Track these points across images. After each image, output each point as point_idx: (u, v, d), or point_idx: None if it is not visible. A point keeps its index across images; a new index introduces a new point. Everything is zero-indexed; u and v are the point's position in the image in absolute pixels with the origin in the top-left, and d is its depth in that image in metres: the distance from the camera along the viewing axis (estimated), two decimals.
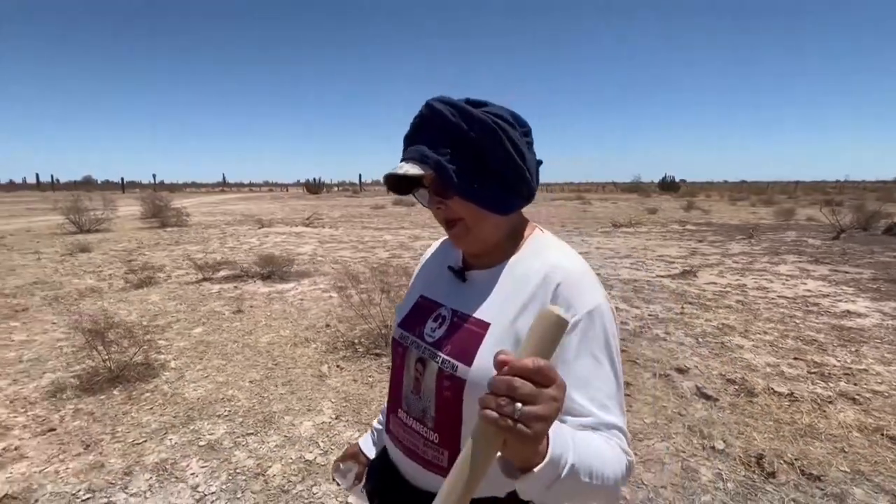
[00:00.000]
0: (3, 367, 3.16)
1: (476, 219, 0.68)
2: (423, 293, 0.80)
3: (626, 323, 4.04)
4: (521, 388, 0.41)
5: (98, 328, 2.92)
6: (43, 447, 2.21)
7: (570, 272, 0.66)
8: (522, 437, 0.42)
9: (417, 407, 0.70)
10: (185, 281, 5.86)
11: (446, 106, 0.66)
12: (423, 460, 0.69)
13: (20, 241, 9.74)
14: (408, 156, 0.67)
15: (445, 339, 0.69)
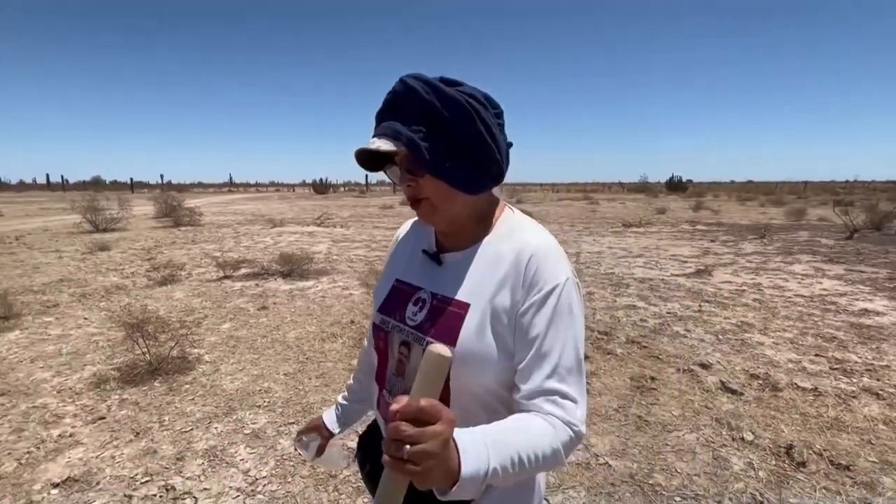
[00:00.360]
0: (45, 360, 3.27)
1: (444, 198, 0.68)
2: (398, 277, 0.81)
3: (645, 320, 4.09)
4: (405, 431, 0.45)
5: (138, 322, 3.03)
6: (95, 434, 2.31)
7: (539, 249, 0.68)
8: (414, 474, 0.46)
9: (399, 387, 0.73)
10: (207, 279, 5.98)
11: (420, 83, 0.65)
12: None
13: (40, 240, 9.92)
14: (380, 132, 0.66)
15: (428, 321, 0.70)
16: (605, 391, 2.74)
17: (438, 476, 0.47)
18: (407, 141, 0.64)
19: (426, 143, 0.64)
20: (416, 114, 0.65)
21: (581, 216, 16.11)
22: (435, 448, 0.45)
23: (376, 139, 0.65)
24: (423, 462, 0.45)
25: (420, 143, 0.64)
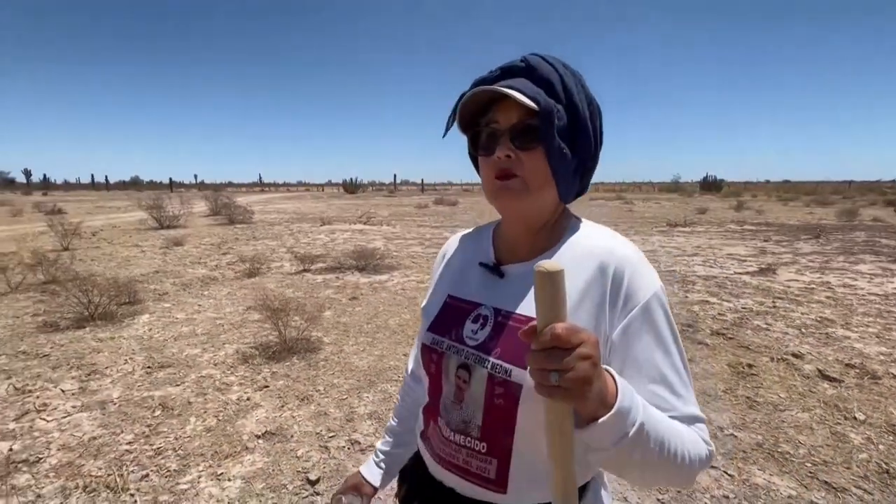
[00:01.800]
0: (186, 339, 3.71)
1: (540, 182, 0.61)
2: (451, 293, 0.72)
3: (723, 315, 4.26)
4: (547, 359, 0.42)
5: (276, 307, 3.41)
6: (268, 399, 2.69)
7: (626, 257, 0.61)
8: (570, 397, 0.43)
9: (458, 418, 0.64)
10: (287, 272, 6.42)
11: (560, 64, 0.62)
12: (466, 471, 0.64)
13: (114, 236, 10.68)
14: (513, 84, 0.59)
15: (492, 341, 0.62)
16: (708, 376, 2.95)
17: (594, 400, 0.45)
18: (545, 103, 0.58)
19: (559, 121, 0.59)
20: (552, 88, 0.60)
21: (620, 216, 16.09)
22: (584, 371, 0.43)
23: (501, 88, 0.58)
24: (578, 387, 0.43)
25: (555, 115, 0.58)
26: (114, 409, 2.58)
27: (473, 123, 0.65)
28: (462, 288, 0.71)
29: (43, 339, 3.70)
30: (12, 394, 2.78)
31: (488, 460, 0.61)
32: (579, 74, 0.63)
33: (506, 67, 0.62)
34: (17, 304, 4.78)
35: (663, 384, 0.57)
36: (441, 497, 0.67)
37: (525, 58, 0.62)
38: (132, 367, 3.17)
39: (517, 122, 0.60)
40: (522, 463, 0.60)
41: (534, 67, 0.60)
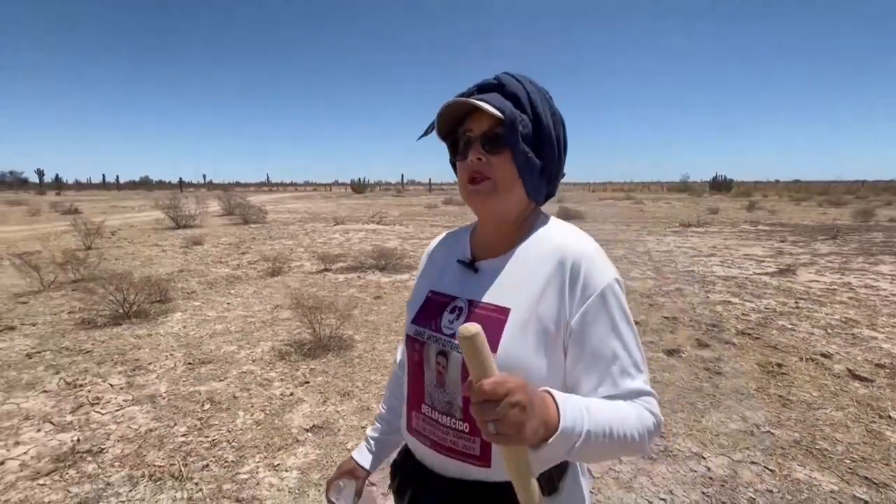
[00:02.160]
0: (222, 337, 3.81)
1: (509, 184, 0.68)
2: (432, 288, 0.78)
3: (747, 315, 4.29)
4: (482, 412, 0.47)
5: (310, 305, 3.50)
6: (310, 395, 2.77)
7: (583, 251, 0.67)
8: (509, 441, 0.48)
9: (442, 400, 0.69)
10: (308, 271, 6.52)
11: (527, 80, 0.70)
12: (452, 450, 0.69)
13: (133, 235, 10.86)
14: (486, 98, 0.67)
15: None
16: (738, 374, 3.00)
17: (534, 432, 0.49)
18: (510, 113, 0.65)
19: (523, 128, 0.67)
20: (518, 101, 0.68)
21: (631, 216, 16.06)
22: (518, 416, 0.47)
23: (471, 99, 0.66)
24: (512, 431, 0.47)
25: (518, 124, 0.66)
26: (164, 403, 2.68)
27: (452, 132, 0.72)
28: (442, 283, 0.77)
29: (83, 336, 3.81)
30: (63, 388, 2.89)
31: (472, 439, 0.66)
32: (545, 90, 0.71)
33: (481, 84, 0.71)
34: (52, 301, 4.92)
35: (615, 364, 0.63)
36: (432, 481, 0.72)
37: (497, 76, 0.71)
38: (173, 362, 3.27)
39: (487, 129, 0.67)
40: None
41: (504, 84, 0.69)
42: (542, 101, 0.69)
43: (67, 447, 2.23)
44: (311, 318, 3.46)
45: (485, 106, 0.64)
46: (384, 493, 1.82)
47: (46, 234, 10.77)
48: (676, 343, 3.55)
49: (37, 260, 7.20)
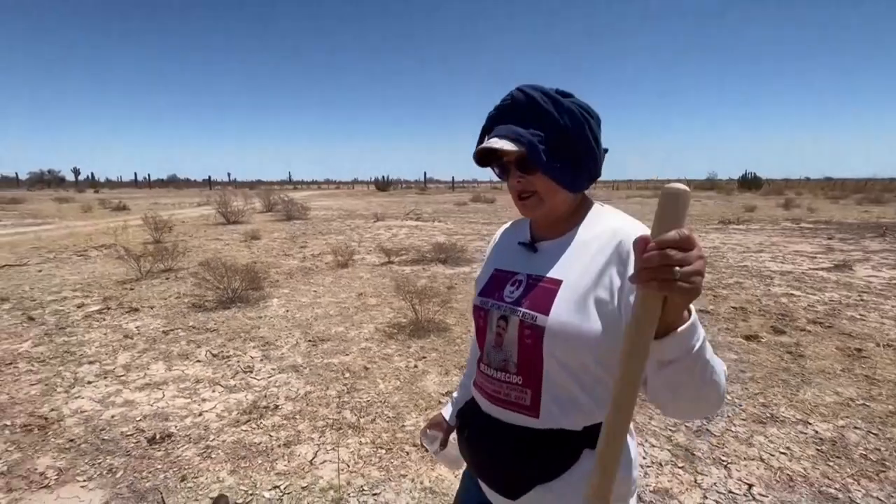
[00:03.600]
0: (325, 320, 4.20)
1: (551, 193, 0.77)
2: (497, 266, 0.88)
3: (813, 306, 4.47)
4: (674, 256, 0.47)
5: (417, 291, 3.86)
6: (431, 367, 3.12)
7: (630, 232, 0.73)
8: (685, 291, 0.48)
9: (499, 358, 0.79)
10: (373, 263, 6.91)
11: (538, 93, 0.75)
12: (506, 402, 0.78)
13: (189, 230, 11.47)
14: (501, 133, 0.75)
15: (524, 296, 0.77)
16: (820, 357, 3.22)
17: (692, 298, 0.50)
18: (528, 144, 0.73)
19: (543, 146, 0.74)
20: (533, 119, 0.75)
21: None
22: (701, 267, 0.49)
23: (497, 139, 0.74)
24: (693, 279, 0.48)
25: (538, 146, 0.73)
26: (307, 372, 3.06)
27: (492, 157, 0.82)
28: (505, 262, 0.87)
29: (202, 317, 4.26)
30: (212, 359, 3.30)
31: (524, 391, 0.75)
32: (555, 96, 0.75)
33: (499, 107, 0.79)
34: (155, 287, 5.42)
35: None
36: (488, 425, 0.82)
37: (512, 94, 0.77)
38: (295, 340, 3.67)
39: (516, 156, 0.76)
40: (551, 392, 0.74)
41: (518, 107, 0.76)
42: (556, 110, 0.74)
43: (248, 403, 2.63)
44: (415, 302, 3.81)
45: (502, 147, 0.73)
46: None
47: (113, 228, 11.47)
48: (752, 330, 3.78)
49: (118, 251, 7.80)
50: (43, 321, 4.14)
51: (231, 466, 2.06)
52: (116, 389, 2.81)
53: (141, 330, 3.91)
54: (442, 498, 1.86)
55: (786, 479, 1.95)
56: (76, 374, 3.02)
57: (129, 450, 2.18)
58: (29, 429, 2.35)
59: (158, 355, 3.35)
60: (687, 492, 1.87)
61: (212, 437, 2.29)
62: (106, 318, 4.25)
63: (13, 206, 20.47)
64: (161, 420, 2.45)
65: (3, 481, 1.95)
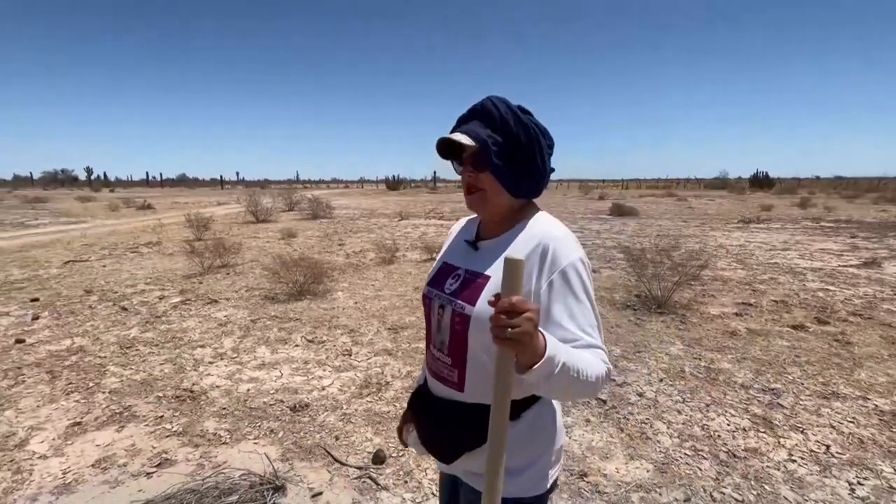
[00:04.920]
0: (396, 310, 4.52)
1: (495, 193, 0.87)
2: (445, 260, 1.00)
3: (849, 300, 4.74)
4: (504, 321, 0.61)
5: None
6: None
7: (555, 236, 0.84)
8: (516, 345, 0.62)
9: (438, 339, 0.91)
10: (416, 260, 7.24)
11: (503, 104, 0.87)
12: (441, 378, 0.91)
13: (224, 229, 11.85)
14: (463, 129, 0.86)
15: (459, 289, 0.89)
16: (867, 345, 3.50)
17: (531, 350, 0.64)
18: (482, 141, 0.83)
19: (496, 148, 0.84)
20: (492, 125, 0.85)
21: (681, 212, 16.28)
22: (529, 328, 0.61)
23: (458, 133, 0.85)
24: (522, 338, 0.61)
25: (491, 147, 0.84)
26: (400, 355, 3.39)
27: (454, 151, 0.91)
28: (452, 257, 0.99)
29: (280, 308, 4.60)
30: (308, 344, 3.64)
31: (453, 370, 0.88)
32: (515, 110, 0.87)
33: (471, 109, 0.90)
34: (221, 281, 5.78)
35: (573, 323, 0.79)
36: (429, 401, 0.96)
37: (483, 102, 0.88)
38: (376, 328, 4.00)
39: (471, 153, 0.87)
40: (474, 371, 0.86)
41: (485, 111, 0.87)
42: (514, 121, 0.85)
43: (361, 380, 2.96)
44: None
45: (458, 139, 0.84)
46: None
47: (152, 226, 11.89)
48: (797, 321, 4.07)
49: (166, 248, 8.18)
50: (136, 311, 4.50)
51: (372, 429, 2.39)
52: (237, 369, 3.15)
53: (230, 319, 4.26)
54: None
55: (857, 441, 2.25)
56: (194, 356, 3.37)
57: (278, 416, 2.52)
58: (181, 399, 2.70)
59: (258, 340, 3.69)
60: (774, 450, 2.18)
61: (345, 407, 2.62)
62: (191, 308, 4.61)
63: (41, 205, 21.05)
64: (291, 393, 2.79)
65: (186, 438, 2.30)
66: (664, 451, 2.18)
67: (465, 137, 0.84)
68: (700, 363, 3.20)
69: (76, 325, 4.09)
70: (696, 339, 3.68)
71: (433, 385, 0.95)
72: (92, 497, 1.87)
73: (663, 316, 4.23)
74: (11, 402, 2.67)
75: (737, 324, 4.03)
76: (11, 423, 2.44)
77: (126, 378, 3.00)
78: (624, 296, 4.89)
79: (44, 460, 2.12)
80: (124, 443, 2.26)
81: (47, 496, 1.88)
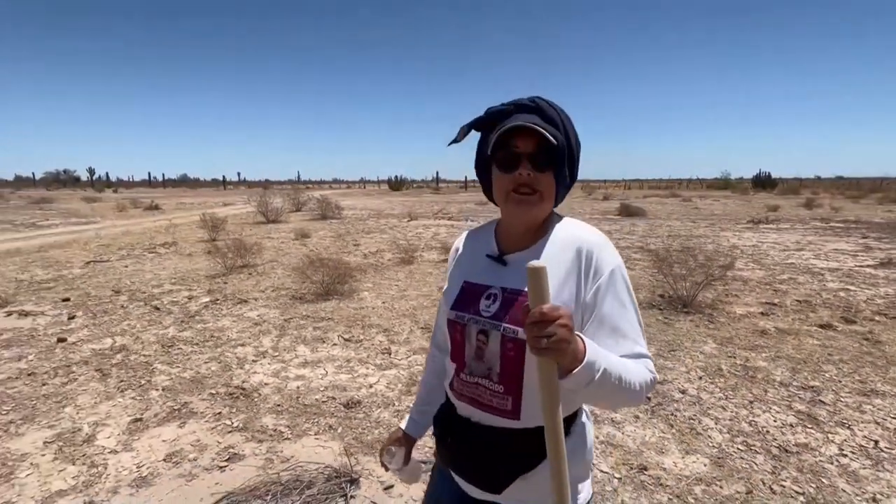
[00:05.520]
0: (425, 308, 4.58)
1: (549, 196, 0.82)
2: (466, 279, 0.90)
3: (872, 299, 4.80)
4: (538, 332, 0.59)
5: None
6: None
7: (595, 242, 0.81)
8: (555, 353, 0.60)
9: (481, 368, 0.82)
10: (433, 260, 7.30)
11: (556, 105, 0.83)
12: (488, 406, 0.82)
13: (237, 230, 11.91)
14: (537, 122, 0.78)
15: (502, 311, 0.80)
16: (895, 343, 3.56)
17: (571, 355, 0.62)
18: (562, 142, 0.79)
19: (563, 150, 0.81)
20: (555, 124, 0.81)
21: (689, 213, 16.35)
22: (565, 334, 0.59)
23: (535, 125, 0.77)
24: (560, 346, 0.59)
25: (563, 147, 0.80)
26: None
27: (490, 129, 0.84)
28: (474, 275, 0.89)
29: (310, 308, 4.66)
30: (345, 343, 3.70)
31: (505, 398, 0.80)
32: (568, 116, 0.84)
33: (518, 104, 0.83)
34: (245, 282, 5.83)
35: (620, 331, 0.77)
36: (467, 429, 0.86)
37: (534, 99, 0.83)
38: (409, 327, 4.06)
39: (534, 149, 0.79)
40: (530, 397, 0.80)
41: (542, 109, 0.82)
42: (571, 128, 0.83)
43: (406, 378, 3.02)
44: None
45: (547, 134, 0.77)
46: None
47: (164, 227, 11.95)
48: (823, 320, 4.13)
49: (178, 248, 8.23)
50: (169, 310, 4.57)
51: None
52: (281, 367, 3.21)
53: (264, 318, 4.31)
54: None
55: None
56: (237, 355, 3.43)
57: (332, 412, 2.58)
58: (235, 396, 2.76)
59: (296, 339, 3.75)
60: (824, 445, 2.24)
61: (396, 403, 2.68)
62: (223, 308, 4.67)
63: (48, 206, 21.12)
64: (341, 391, 2.84)
65: (248, 434, 2.35)
66: (717, 446, 2.23)
67: (549, 134, 0.78)
68: (736, 361, 3.26)
69: (112, 324, 4.15)
70: (727, 337, 3.74)
71: (471, 413, 0.86)
72: (171, 490, 1.93)
73: (690, 315, 4.28)
74: (69, 398, 2.73)
75: (765, 323, 4.08)
76: (74, 419, 2.50)
77: (175, 376, 3.06)
78: (648, 296, 4.95)
79: (115, 455, 2.18)
80: (189, 438, 2.32)
81: (127, 489, 1.94)
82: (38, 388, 2.88)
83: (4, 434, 2.35)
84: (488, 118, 0.83)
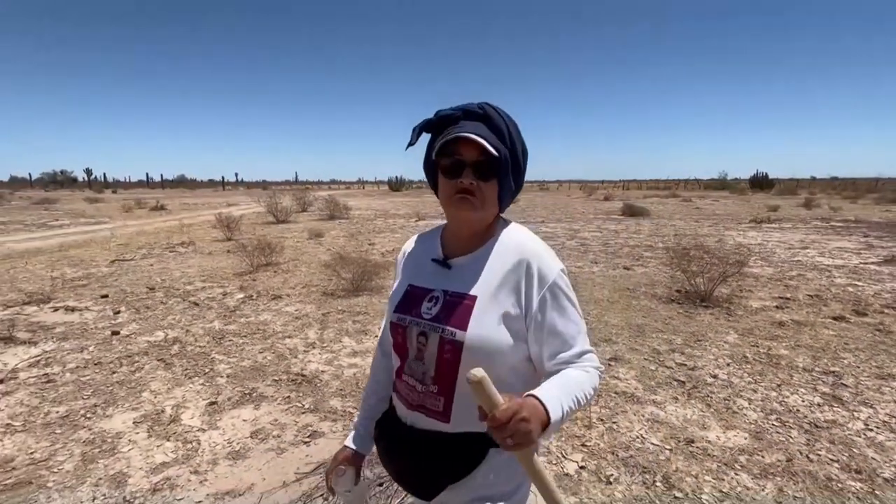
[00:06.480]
0: None
1: (490, 204, 0.84)
2: (410, 282, 0.91)
3: (879, 294, 5.04)
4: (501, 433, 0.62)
5: None
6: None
7: (535, 251, 0.83)
8: (519, 445, 0.63)
9: (419, 370, 0.84)
10: None
11: (505, 114, 0.85)
12: (423, 408, 0.85)
13: (249, 230, 12.06)
14: (480, 132, 0.79)
15: (443, 313, 0.82)
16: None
17: (538, 434, 0.65)
18: (503, 153, 0.81)
19: (504, 161, 0.82)
20: (501, 134, 0.82)
21: (691, 213, 16.62)
22: (525, 427, 0.63)
23: (477, 136, 0.78)
24: (526, 438, 0.63)
25: (507, 159, 0.82)
26: None
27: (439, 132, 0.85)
28: (419, 278, 0.91)
29: (344, 303, 4.84)
30: None
31: (438, 399, 0.82)
32: (515, 123, 0.86)
33: (466, 110, 0.84)
34: (273, 279, 6.01)
35: (564, 334, 0.81)
36: (404, 433, 0.88)
37: (482, 106, 0.84)
38: None
39: (477, 159, 0.80)
40: (463, 400, 0.81)
41: (489, 117, 0.83)
42: (517, 136, 0.84)
43: None
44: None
45: (486, 145, 0.78)
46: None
47: (178, 226, 12.09)
48: (836, 313, 4.35)
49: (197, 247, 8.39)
50: (208, 306, 4.74)
51: None
52: (333, 356, 3.40)
53: (302, 313, 4.50)
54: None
55: None
56: (287, 346, 3.61)
57: None
58: (298, 382, 2.95)
59: (339, 332, 3.94)
60: (850, 422, 2.45)
61: None
62: (259, 304, 4.85)
63: (52, 206, 21.16)
64: None
65: (321, 414, 2.55)
66: (754, 423, 2.45)
67: (488, 144, 0.79)
68: (759, 350, 3.48)
69: (158, 318, 4.32)
70: (747, 329, 3.95)
71: (407, 416, 0.88)
72: (266, 461, 2.12)
73: (709, 309, 4.50)
74: (143, 385, 2.91)
75: (780, 315, 4.31)
76: (154, 402, 2.68)
77: (234, 364, 3.24)
78: (664, 291, 5.17)
79: (203, 433, 2.36)
80: (267, 418, 2.51)
81: (225, 460, 2.13)
82: (109, 375, 3.05)
83: (94, 416, 2.53)
84: (438, 121, 0.84)
